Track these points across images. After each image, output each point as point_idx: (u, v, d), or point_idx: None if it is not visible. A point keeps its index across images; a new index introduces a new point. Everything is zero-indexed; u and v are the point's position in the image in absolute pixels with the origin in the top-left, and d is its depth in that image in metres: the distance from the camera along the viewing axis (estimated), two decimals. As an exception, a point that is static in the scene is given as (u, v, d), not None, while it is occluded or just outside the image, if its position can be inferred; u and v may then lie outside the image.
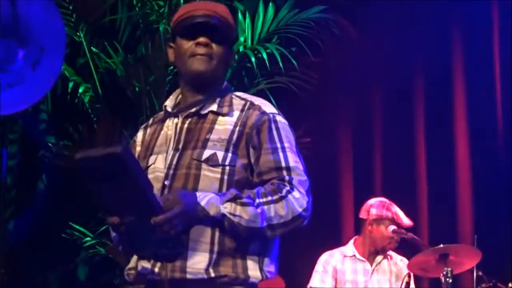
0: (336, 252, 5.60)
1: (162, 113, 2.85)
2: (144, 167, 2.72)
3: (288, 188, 2.58)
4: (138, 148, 2.84)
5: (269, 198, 2.55)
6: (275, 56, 6.13)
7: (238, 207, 2.53)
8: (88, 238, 6.11)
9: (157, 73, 6.06)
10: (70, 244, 6.20)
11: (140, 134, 2.87)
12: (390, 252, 5.55)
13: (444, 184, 6.56)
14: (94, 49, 6.38)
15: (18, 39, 4.25)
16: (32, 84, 4.04)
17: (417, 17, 6.72)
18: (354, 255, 5.54)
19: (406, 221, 5.42)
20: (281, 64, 6.15)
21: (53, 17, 3.94)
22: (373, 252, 5.53)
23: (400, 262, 5.52)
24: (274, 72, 6.30)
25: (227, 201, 2.54)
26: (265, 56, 6.09)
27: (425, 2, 6.69)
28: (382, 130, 6.84)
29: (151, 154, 2.76)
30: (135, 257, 2.71)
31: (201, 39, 2.69)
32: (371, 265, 5.52)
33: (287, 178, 2.60)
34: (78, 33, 6.32)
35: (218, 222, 2.55)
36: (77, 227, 6.13)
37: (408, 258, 5.32)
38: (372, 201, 5.59)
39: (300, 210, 2.57)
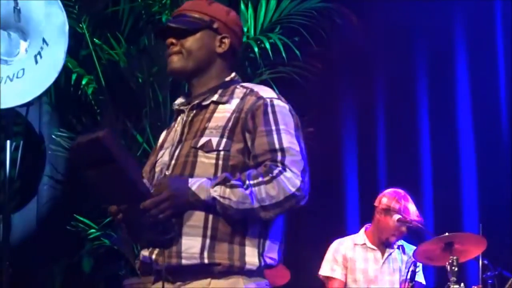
0: (347, 240, 5.54)
1: None
2: (153, 162, 2.79)
3: (280, 168, 2.56)
4: (158, 148, 2.90)
5: (260, 179, 2.54)
6: (278, 46, 6.13)
7: (227, 190, 2.53)
8: (92, 230, 6.12)
9: (160, 64, 6.04)
10: (74, 236, 6.21)
11: (162, 136, 2.93)
12: (402, 242, 5.49)
13: (449, 172, 6.55)
14: (97, 41, 6.37)
15: (21, 32, 4.25)
16: (35, 77, 4.04)
17: (421, 5, 6.70)
18: (365, 243, 5.49)
19: (414, 217, 5.34)
20: (284, 54, 6.14)
21: (56, 10, 3.94)
22: (382, 242, 5.48)
23: (411, 252, 5.46)
24: (277, 62, 6.29)
25: (217, 184, 2.54)
26: (268, 46, 6.09)
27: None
28: (387, 117, 6.83)
29: (161, 150, 2.81)
30: None
31: (167, 41, 2.79)
32: (382, 254, 5.46)
33: (279, 158, 2.58)
34: (80, 25, 6.31)
35: (210, 206, 2.55)
36: (82, 219, 6.13)
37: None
38: (388, 190, 5.49)
39: (293, 189, 2.54)
